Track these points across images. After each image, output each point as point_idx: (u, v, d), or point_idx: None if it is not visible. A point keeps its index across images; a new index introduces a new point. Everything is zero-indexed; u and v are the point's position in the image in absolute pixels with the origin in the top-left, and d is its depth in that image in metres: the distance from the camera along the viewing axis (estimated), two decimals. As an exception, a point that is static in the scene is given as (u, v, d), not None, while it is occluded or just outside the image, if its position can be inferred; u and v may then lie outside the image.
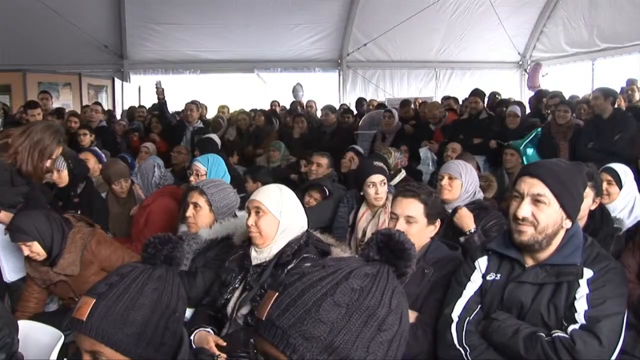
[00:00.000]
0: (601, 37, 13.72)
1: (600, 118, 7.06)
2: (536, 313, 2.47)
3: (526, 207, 2.45)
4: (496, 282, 2.59)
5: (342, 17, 14.56)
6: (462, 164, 4.21)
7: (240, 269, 3.19)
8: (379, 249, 1.34)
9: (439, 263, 2.97)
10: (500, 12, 14.62)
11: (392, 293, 1.28)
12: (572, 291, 2.42)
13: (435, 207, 3.14)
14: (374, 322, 1.23)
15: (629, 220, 4.17)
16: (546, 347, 2.34)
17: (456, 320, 2.60)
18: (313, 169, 6.35)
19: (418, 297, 2.87)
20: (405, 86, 15.73)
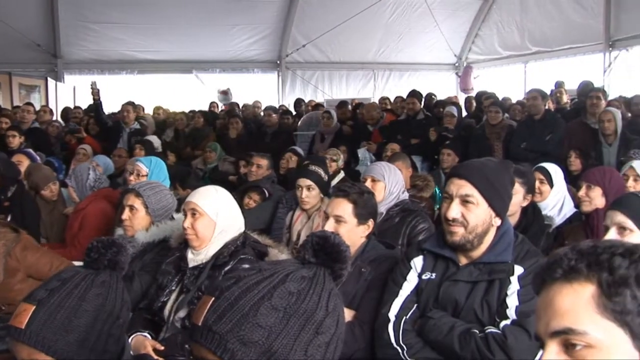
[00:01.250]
0: (532, 41, 14.23)
1: (533, 119, 7.29)
2: (470, 310, 2.52)
3: (455, 208, 2.50)
4: (431, 281, 2.63)
5: (281, 18, 14.54)
6: (385, 165, 4.20)
7: (177, 272, 3.16)
8: (315, 251, 1.34)
9: (375, 262, 2.99)
10: (436, 15, 14.88)
11: (329, 296, 1.28)
12: (504, 288, 2.48)
13: (367, 207, 3.12)
14: (311, 325, 1.23)
15: (558, 218, 4.31)
16: (480, 343, 2.39)
17: (393, 320, 2.63)
18: (253, 170, 6.33)
19: (355, 295, 2.89)
20: (343, 87, 15.81)
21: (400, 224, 3.91)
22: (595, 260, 1.18)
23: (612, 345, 1.14)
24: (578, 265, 1.19)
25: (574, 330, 1.16)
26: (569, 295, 1.18)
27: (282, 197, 5.35)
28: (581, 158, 6.02)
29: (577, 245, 1.23)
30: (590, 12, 12.66)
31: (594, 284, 1.17)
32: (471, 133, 8.00)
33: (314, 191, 4.49)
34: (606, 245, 1.21)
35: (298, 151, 7.36)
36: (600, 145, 6.56)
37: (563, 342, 1.18)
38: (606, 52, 12.41)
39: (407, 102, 8.81)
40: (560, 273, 1.21)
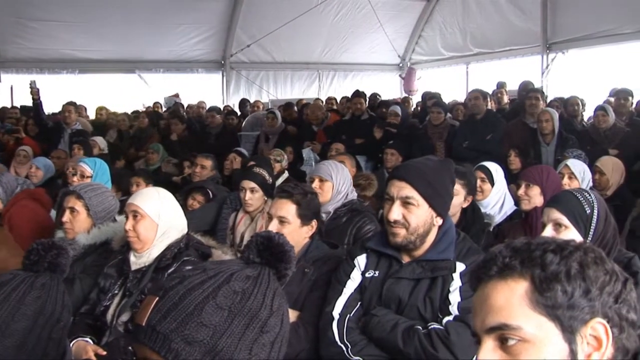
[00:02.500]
0: (474, 42, 14.56)
1: (474, 119, 7.44)
2: (413, 307, 2.55)
3: (397, 210, 2.53)
4: (375, 278, 2.66)
5: (225, 18, 14.41)
6: (332, 164, 4.20)
7: (119, 275, 3.12)
8: (259, 251, 1.34)
9: (319, 262, 3.00)
10: (381, 16, 15.01)
11: (274, 295, 1.28)
12: (446, 285, 2.53)
13: (310, 207, 3.14)
14: (256, 324, 1.23)
15: (499, 216, 4.41)
16: (423, 339, 2.43)
17: (337, 318, 2.64)
18: (197, 171, 6.29)
19: (299, 296, 2.90)
20: (288, 87, 15.80)
21: (347, 223, 3.93)
22: (529, 257, 1.22)
23: (545, 339, 1.18)
24: (512, 263, 1.23)
25: (508, 325, 1.19)
26: (504, 292, 1.22)
27: (227, 198, 5.32)
28: (520, 157, 6.16)
29: (511, 242, 1.28)
30: (529, 15, 13.03)
31: (528, 280, 1.21)
32: (414, 133, 8.11)
33: (257, 193, 4.48)
34: (539, 242, 1.25)
35: (242, 152, 7.33)
36: (539, 145, 6.73)
37: (498, 337, 1.22)
38: (544, 54, 12.81)
39: (352, 103, 8.87)
40: (495, 270, 1.24)
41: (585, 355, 1.19)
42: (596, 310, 1.19)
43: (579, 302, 1.18)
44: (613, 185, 5.15)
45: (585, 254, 1.23)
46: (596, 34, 11.71)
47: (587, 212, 2.37)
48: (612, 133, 7.15)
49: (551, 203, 2.50)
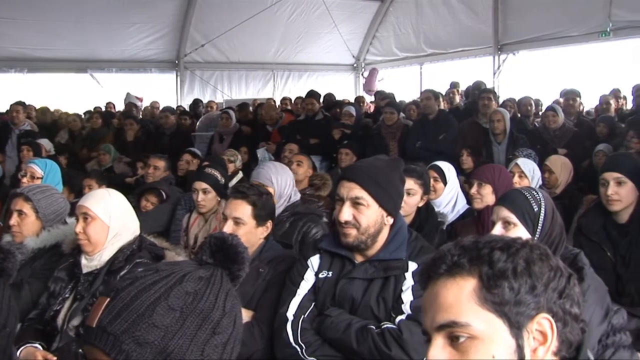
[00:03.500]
0: (427, 43, 14.73)
1: (427, 119, 7.53)
2: (367, 307, 2.57)
3: (347, 210, 2.55)
4: (328, 279, 2.67)
5: (179, 17, 14.23)
6: (273, 168, 4.12)
7: (70, 278, 3.06)
8: (213, 252, 1.34)
9: (273, 262, 2.99)
10: (335, 16, 15.06)
11: (226, 296, 1.29)
12: (399, 284, 2.55)
13: (265, 208, 3.13)
14: (208, 325, 1.23)
15: (452, 215, 4.46)
16: (376, 339, 2.44)
17: (291, 319, 2.64)
18: (150, 171, 6.22)
19: (253, 296, 2.89)
20: (243, 88, 15.71)
21: (291, 229, 3.90)
22: (477, 255, 1.24)
23: (493, 335, 1.20)
24: (460, 261, 1.25)
25: (457, 322, 1.21)
26: (453, 290, 1.24)
27: (181, 199, 5.29)
28: (473, 156, 6.25)
29: (459, 241, 1.30)
30: (481, 17, 13.26)
31: (476, 277, 1.23)
32: (368, 133, 8.16)
33: (210, 194, 4.45)
34: (487, 241, 1.28)
35: (195, 152, 7.27)
36: (491, 144, 6.86)
37: (448, 334, 1.23)
38: (495, 55, 13.05)
39: (306, 103, 8.88)
40: (444, 268, 1.26)
41: (531, 349, 1.22)
42: (541, 306, 1.22)
43: (525, 298, 1.21)
44: (562, 183, 5.25)
45: (531, 251, 1.26)
46: (545, 36, 12.00)
47: (535, 210, 2.42)
48: (561, 133, 7.32)
49: (500, 201, 2.55)
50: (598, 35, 10.92)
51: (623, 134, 7.09)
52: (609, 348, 2.23)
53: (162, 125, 9.59)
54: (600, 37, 10.90)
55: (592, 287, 2.25)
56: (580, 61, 12.37)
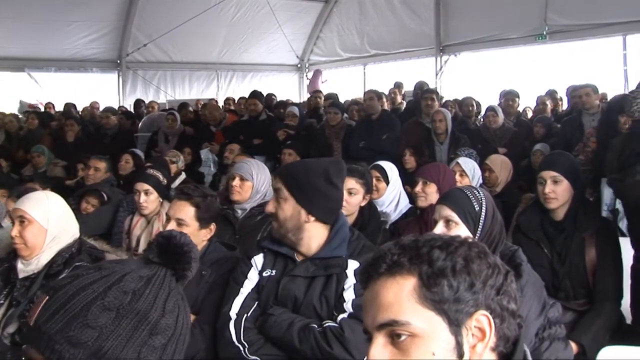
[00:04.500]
0: (371, 44, 14.88)
1: (370, 119, 7.60)
2: (309, 305, 2.58)
3: (272, 203, 2.67)
4: (272, 277, 2.67)
5: (120, 16, 13.94)
6: (254, 164, 4.21)
7: (5, 284, 2.96)
8: (160, 251, 1.33)
9: (216, 264, 2.99)
10: (279, 16, 15.06)
11: (167, 296, 1.27)
12: (341, 282, 2.57)
13: (209, 210, 3.12)
14: (145, 326, 1.21)
15: (395, 214, 4.50)
16: (318, 337, 2.45)
17: (234, 318, 2.64)
18: (90, 173, 6.08)
19: (197, 299, 2.87)
20: (186, 88, 15.54)
21: (260, 222, 3.92)
22: (416, 254, 1.26)
23: (433, 333, 1.22)
24: (400, 260, 1.26)
25: (397, 321, 1.22)
26: (393, 289, 1.25)
27: (123, 201, 5.20)
28: (415, 156, 6.33)
29: (399, 240, 1.31)
30: (423, 19, 13.50)
31: (415, 276, 1.24)
32: (312, 133, 8.19)
33: (152, 195, 4.39)
34: (426, 239, 1.29)
35: (136, 153, 7.15)
36: (433, 144, 6.96)
37: (389, 333, 1.24)
38: (438, 56, 13.28)
39: (249, 103, 8.86)
40: (384, 268, 1.27)
41: (470, 346, 1.24)
42: (480, 303, 1.24)
43: (464, 296, 1.23)
44: (501, 182, 5.35)
45: (470, 249, 1.28)
46: (485, 38, 12.31)
47: (476, 209, 2.46)
48: (502, 132, 7.50)
49: (442, 200, 2.58)
50: (535, 39, 11.29)
51: (559, 134, 7.32)
52: (545, 340, 2.30)
53: (103, 126, 9.41)
54: (537, 40, 11.27)
55: (529, 282, 2.31)
56: (519, 63, 12.69)
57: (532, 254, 3.30)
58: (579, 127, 6.96)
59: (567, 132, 7.11)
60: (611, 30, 10.45)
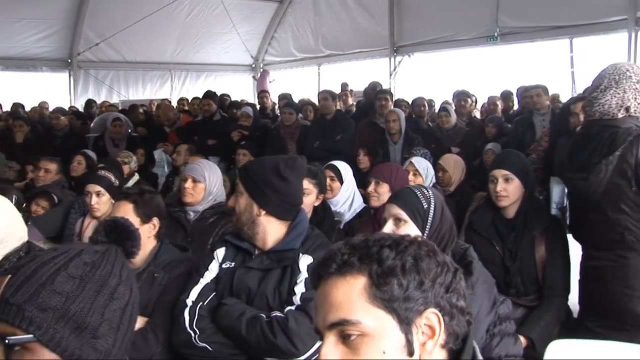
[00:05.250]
0: (326, 44, 14.93)
1: (325, 119, 7.62)
2: (263, 297, 2.63)
3: (233, 197, 2.78)
4: (229, 270, 2.73)
5: (71, 14, 13.62)
6: (207, 166, 4.18)
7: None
8: (107, 233, 1.48)
9: (169, 266, 2.97)
10: (234, 16, 14.99)
11: (122, 266, 1.40)
12: (294, 277, 2.62)
13: (149, 205, 3.11)
14: (107, 291, 1.33)
15: (349, 214, 4.53)
16: (264, 327, 2.49)
17: (190, 305, 2.67)
18: (40, 175, 5.96)
19: (149, 302, 2.84)
20: (140, 88, 15.33)
21: (213, 225, 3.95)
22: (366, 254, 1.27)
23: (383, 332, 1.23)
24: (351, 260, 1.27)
25: (348, 321, 1.23)
26: (343, 288, 1.26)
27: (74, 203, 5.12)
28: (370, 156, 6.38)
29: (350, 240, 1.32)
30: (378, 20, 13.58)
31: (366, 276, 1.25)
32: (267, 134, 8.18)
33: (104, 197, 4.34)
34: (376, 239, 1.30)
35: (89, 154, 7.03)
36: (387, 144, 7.02)
37: (340, 333, 1.25)
38: (392, 57, 13.39)
39: (203, 104, 8.80)
40: (334, 268, 1.28)
41: (420, 344, 1.25)
42: (429, 301, 1.25)
43: (414, 295, 1.24)
44: (455, 182, 5.42)
45: (419, 247, 1.29)
46: (438, 39, 12.48)
47: (425, 207, 2.49)
48: (454, 133, 7.60)
49: (392, 199, 2.62)
50: (487, 40, 11.48)
51: (510, 134, 7.45)
52: (496, 337, 2.34)
53: (54, 127, 9.22)
54: (489, 41, 11.47)
55: (480, 280, 2.35)
56: (471, 64, 12.89)
57: (484, 251, 3.36)
58: (530, 127, 7.10)
59: (519, 132, 7.24)
60: (559, 34, 10.72)
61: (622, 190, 3.02)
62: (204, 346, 2.58)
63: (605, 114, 3.09)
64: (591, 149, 3.15)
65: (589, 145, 3.18)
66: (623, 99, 3.05)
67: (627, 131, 3.01)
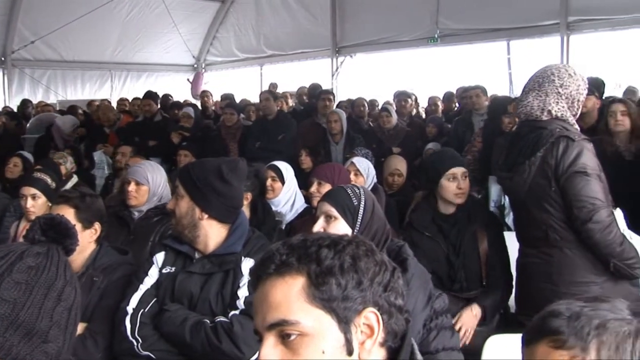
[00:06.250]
0: (268, 44, 14.92)
1: (266, 119, 7.62)
2: (205, 302, 2.61)
3: (172, 200, 2.75)
4: (170, 274, 2.69)
5: (4, 10, 13.14)
6: (150, 167, 4.13)
7: None
8: (43, 230, 1.44)
9: (108, 269, 2.92)
10: (175, 15, 14.84)
11: (65, 266, 1.39)
12: (237, 280, 2.61)
13: (91, 210, 3.02)
14: (53, 294, 1.33)
15: (291, 214, 4.54)
16: (209, 332, 2.48)
17: (130, 313, 2.63)
18: (-27, 177, 5.79)
19: (88, 307, 2.78)
20: (79, 88, 14.96)
21: (156, 223, 3.91)
22: (305, 254, 1.28)
23: (322, 331, 1.24)
24: (289, 260, 1.27)
25: (287, 321, 1.24)
26: (282, 288, 1.26)
27: (9, 206, 5.00)
28: (311, 156, 6.39)
29: (288, 240, 1.33)
30: (320, 20, 13.65)
31: (304, 275, 1.26)
32: (208, 134, 8.12)
33: (39, 200, 4.23)
34: (314, 239, 1.31)
35: (25, 156, 6.84)
36: (329, 144, 7.06)
37: (279, 333, 1.26)
38: (334, 57, 13.46)
39: (143, 104, 8.68)
40: (273, 268, 1.28)
41: (359, 342, 1.27)
42: (368, 300, 1.27)
43: (352, 294, 1.26)
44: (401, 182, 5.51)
45: (357, 247, 1.31)
46: (380, 40, 12.62)
47: (355, 204, 2.52)
48: (395, 132, 7.67)
49: (323, 197, 2.66)
50: (427, 41, 11.69)
51: (450, 134, 7.59)
52: (432, 330, 2.39)
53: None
54: (429, 42, 11.67)
55: (415, 275, 2.39)
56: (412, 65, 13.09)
57: (427, 248, 3.49)
58: (470, 127, 7.24)
59: (458, 132, 7.38)
60: (496, 36, 11.01)
61: (544, 189, 3.12)
62: (146, 354, 2.55)
63: (528, 115, 3.19)
64: (518, 149, 3.25)
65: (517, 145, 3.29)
66: (544, 102, 3.14)
67: (550, 132, 3.10)
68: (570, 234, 3.11)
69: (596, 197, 3.00)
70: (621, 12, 9.17)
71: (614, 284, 3.12)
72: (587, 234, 3.02)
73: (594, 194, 3.00)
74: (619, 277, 3.12)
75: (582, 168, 3.01)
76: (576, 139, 3.06)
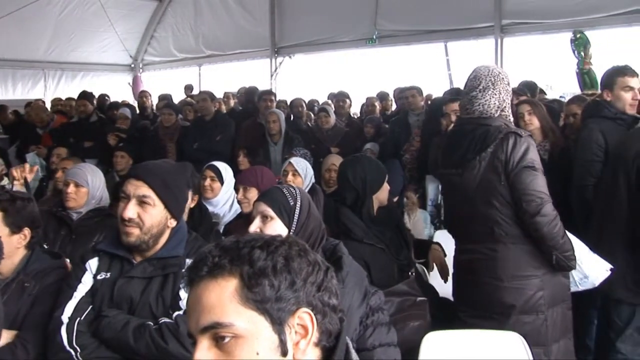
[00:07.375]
0: (206, 44, 14.77)
1: (204, 120, 7.58)
2: (145, 305, 2.56)
3: (132, 208, 2.56)
4: (106, 280, 2.62)
5: None
6: (89, 169, 4.09)
7: None
8: None
9: (40, 274, 2.84)
10: (111, 14, 14.53)
11: None
12: (177, 281, 2.57)
13: (21, 214, 2.90)
14: None
15: (229, 214, 4.53)
16: (154, 334, 2.44)
17: (66, 322, 2.55)
18: None
19: (18, 314, 2.70)
20: (10, 87, 14.45)
21: (97, 225, 3.87)
22: (237, 255, 1.28)
23: (256, 333, 1.24)
24: (222, 261, 1.27)
25: (220, 323, 1.24)
26: (215, 291, 1.26)
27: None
28: (249, 157, 6.36)
29: (220, 242, 1.32)
30: (259, 20, 13.58)
31: (237, 277, 1.26)
32: (145, 135, 8.01)
33: None
34: (247, 240, 1.31)
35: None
36: (268, 144, 7.07)
37: (213, 336, 1.25)
38: (272, 57, 13.44)
39: (78, 104, 8.51)
40: (205, 270, 1.28)
41: (293, 343, 1.28)
42: (301, 300, 1.28)
43: (286, 294, 1.26)
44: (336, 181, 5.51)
45: (290, 247, 1.32)
46: (319, 41, 12.64)
47: (291, 204, 2.55)
48: (334, 133, 7.74)
49: (260, 197, 2.67)
50: (366, 42, 11.77)
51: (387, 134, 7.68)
52: (369, 327, 2.42)
53: None
54: (367, 43, 11.75)
55: (350, 273, 2.43)
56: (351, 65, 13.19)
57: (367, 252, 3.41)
58: (406, 127, 7.34)
59: (395, 132, 7.47)
60: (434, 37, 11.16)
61: (493, 185, 3.24)
62: None
63: (485, 112, 3.33)
64: (466, 146, 3.34)
65: (463, 142, 3.37)
66: (499, 100, 3.31)
67: (498, 129, 3.25)
68: (515, 229, 3.24)
69: (542, 191, 3.17)
70: (552, 16, 9.44)
71: (552, 276, 3.27)
72: (535, 226, 3.15)
73: (541, 188, 3.16)
74: (558, 269, 3.26)
75: (530, 163, 3.16)
76: (523, 135, 3.24)
